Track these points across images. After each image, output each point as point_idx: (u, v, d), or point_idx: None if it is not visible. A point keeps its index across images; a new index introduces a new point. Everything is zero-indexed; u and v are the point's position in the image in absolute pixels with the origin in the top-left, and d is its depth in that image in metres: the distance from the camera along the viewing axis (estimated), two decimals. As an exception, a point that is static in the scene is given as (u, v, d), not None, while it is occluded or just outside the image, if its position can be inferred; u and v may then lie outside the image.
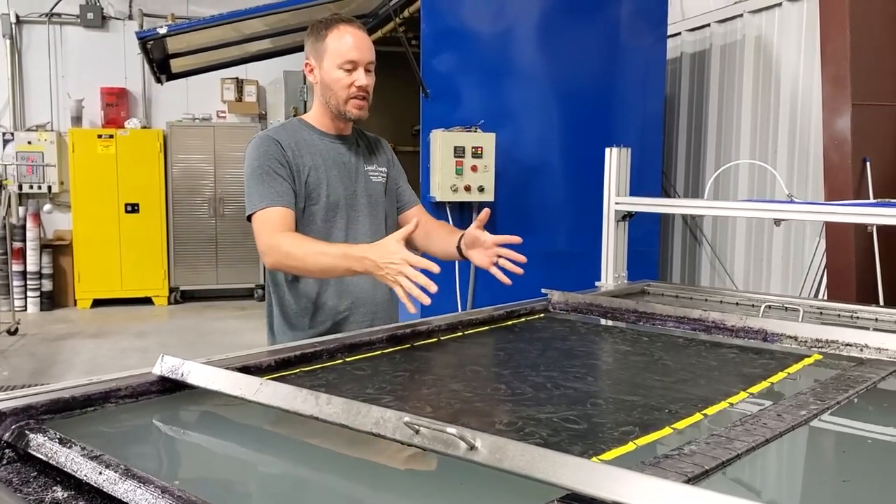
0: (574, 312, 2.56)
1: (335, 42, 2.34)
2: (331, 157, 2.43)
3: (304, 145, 2.40)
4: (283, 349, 1.89)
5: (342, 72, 2.33)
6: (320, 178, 2.38)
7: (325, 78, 2.37)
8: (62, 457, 1.23)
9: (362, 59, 2.34)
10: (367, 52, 2.36)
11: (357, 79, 2.34)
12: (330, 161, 2.42)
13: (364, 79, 2.34)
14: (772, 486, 1.30)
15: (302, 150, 2.38)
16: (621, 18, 5.19)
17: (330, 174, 2.41)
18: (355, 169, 2.48)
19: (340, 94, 2.36)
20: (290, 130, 2.43)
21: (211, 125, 9.74)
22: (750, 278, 5.43)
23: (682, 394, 1.67)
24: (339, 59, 2.33)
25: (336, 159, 2.44)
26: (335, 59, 2.33)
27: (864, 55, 3.93)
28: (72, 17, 9.60)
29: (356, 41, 2.34)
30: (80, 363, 6.90)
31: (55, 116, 9.57)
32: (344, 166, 2.45)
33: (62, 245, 9.41)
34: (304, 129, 2.45)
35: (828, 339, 2.03)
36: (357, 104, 2.37)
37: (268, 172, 2.30)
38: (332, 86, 2.36)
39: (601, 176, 3.30)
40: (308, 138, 2.42)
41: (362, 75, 2.34)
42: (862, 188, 3.92)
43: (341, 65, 2.33)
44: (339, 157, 2.45)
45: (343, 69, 2.33)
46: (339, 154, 2.45)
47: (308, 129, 2.45)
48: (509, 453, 1.10)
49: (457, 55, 4.87)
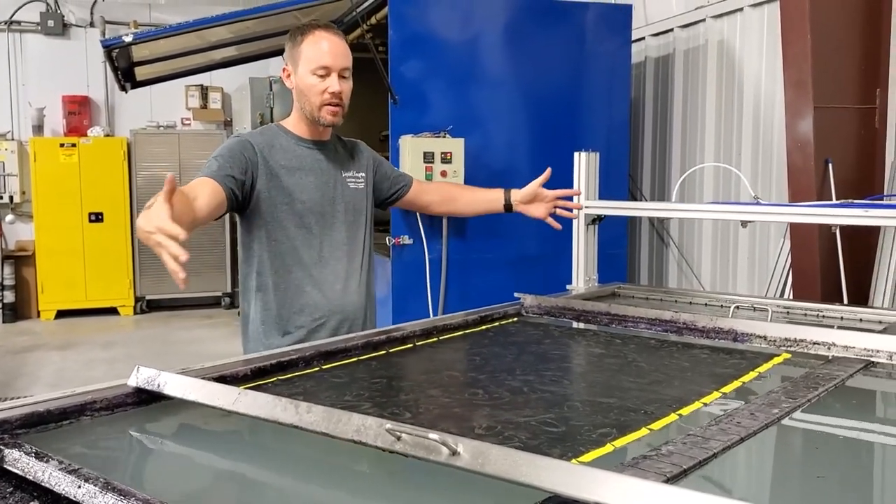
0: (547, 316, 2.58)
1: (309, 48, 2.34)
2: (307, 163, 2.43)
3: (280, 150, 2.40)
4: (258, 358, 1.88)
5: (316, 77, 2.33)
6: (294, 183, 2.38)
7: (300, 83, 2.37)
8: (39, 471, 1.21)
9: (336, 64, 2.33)
10: (341, 57, 2.35)
11: (330, 85, 2.33)
12: (306, 167, 2.42)
13: (337, 85, 2.34)
14: (749, 484, 1.32)
15: (278, 154, 2.38)
16: (587, 24, 5.24)
17: (305, 179, 2.40)
18: (333, 176, 2.47)
19: (314, 100, 2.36)
20: (268, 135, 2.43)
21: (176, 132, 9.66)
22: (717, 279, 5.50)
23: (657, 395, 1.69)
24: (312, 64, 2.33)
25: (313, 165, 2.44)
26: (309, 65, 2.33)
27: (825, 59, 4.01)
28: (32, 25, 9.46)
29: (330, 46, 2.34)
30: (46, 376, 6.80)
31: (16, 125, 9.43)
32: (321, 172, 2.44)
33: (25, 256, 9.26)
34: (281, 134, 2.45)
35: (796, 339, 2.06)
36: (331, 110, 2.37)
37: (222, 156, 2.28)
38: (306, 91, 2.36)
39: (568, 180, 3.33)
40: (285, 144, 2.42)
41: (335, 81, 2.34)
42: (825, 189, 3.99)
43: (314, 70, 2.33)
44: (315, 164, 2.44)
45: (316, 75, 2.33)
46: (315, 160, 2.45)
47: (286, 135, 2.45)
48: (491, 458, 1.11)
49: (424, 61, 4.88)
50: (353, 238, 2.51)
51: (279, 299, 2.41)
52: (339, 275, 2.46)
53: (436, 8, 4.91)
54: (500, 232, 5.05)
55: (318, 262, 2.41)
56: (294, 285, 2.40)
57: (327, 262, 2.43)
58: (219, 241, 9.76)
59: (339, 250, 2.46)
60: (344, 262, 2.47)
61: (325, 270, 2.43)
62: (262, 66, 8.20)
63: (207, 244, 9.58)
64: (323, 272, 2.42)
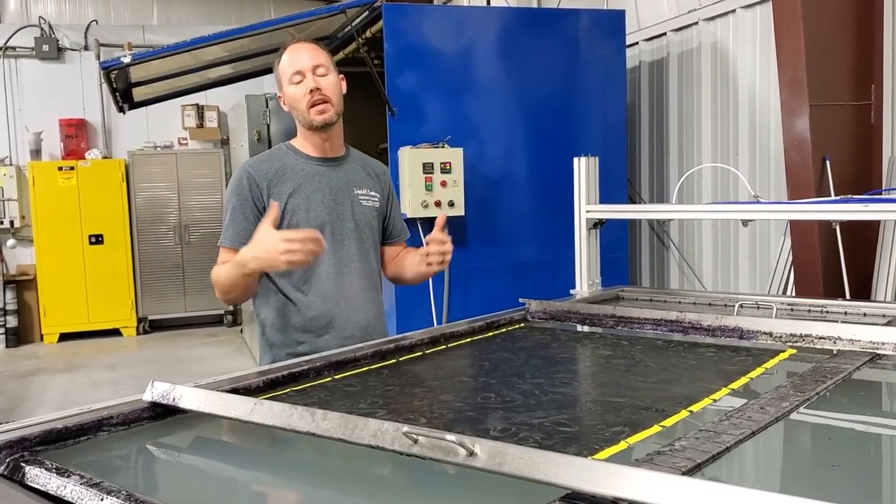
0: (552, 320, 2.59)
1: (282, 63, 2.40)
2: (315, 182, 2.42)
3: (289, 171, 2.41)
4: (270, 370, 1.90)
5: (294, 86, 2.37)
6: (300, 203, 2.38)
7: (288, 99, 2.41)
8: (61, 486, 1.22)
9: (306, 65, 2.36)
10: (308, 57, 2.38)
11: (308, 85, 2.35)
12: (314, 185, 2.41)
13: (313, 81, 2.35)
14: (764, 475, 1.34)
15: (285, 176, 2.39)
16: (580, 31, 5.27)
17: (313, 198, 2.40)
18: (343, 192, 2.46)
19: (302, 107, 2.37)
20: (275, 157, 2.45)
21: (173, 152, 9.68)
22: (718, 279, 5.52)
23: (666, 393, 1.71)
24: (287, 75, 2.38)
25: (321, 183, 2.43)
26: (286, 77, 2.38)
27: (819, 57, 4.03)
28: (27, 50, 9.50)
29: (297, 53, 2.39)
30: (51, 399, 6.79)
31: (14, 150, 9.45)
32: (330, 190, 2.43)
33: (26, 280, 9.26)
34: (290, 154, 2.46)
35: (802, 334, 2.07)
36: (318, 109, 2.37)
37: (236, 209, 2.36)
38: (293, 103, 2.40)
39: (567, 186, 3.35)
40: (293, 163, 2.43)
41: (311, 79, 2.35)
42: (823, 186, 4.02)
43: (291, 79, 2.37)
44: (324, 181, 2.43)
45: (293, 83, 2.37)
46: (324, 177, 2.44)
47: (294, 154, 2.46)
48: (509, 457, 1.12)
49: (420, 73, 4.91)
50: (366, 254, 2.49)
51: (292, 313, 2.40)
52: (350, 290, 2.44)
53: (430, 20, 4.95)
54: (500, 240, 5.08)
55: (329, 277, 2.40)
56: (306, 300, 2.40)
57: (338, 277, 2.41)
58: (219, 260, 9.74)
59: (349, 266, 2.44)
60: (354, 278, 2.45)
61: (337, 286, 2.41)
62: (258, 83, 8.24)
63: (207, 263, 9.57)
64: (334, 287, 2.41)
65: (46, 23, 9.58)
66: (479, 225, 4.99)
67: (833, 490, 1.24)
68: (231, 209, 2.37)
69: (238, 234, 2.33)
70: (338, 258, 2.41)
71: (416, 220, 4.75)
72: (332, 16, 5.21)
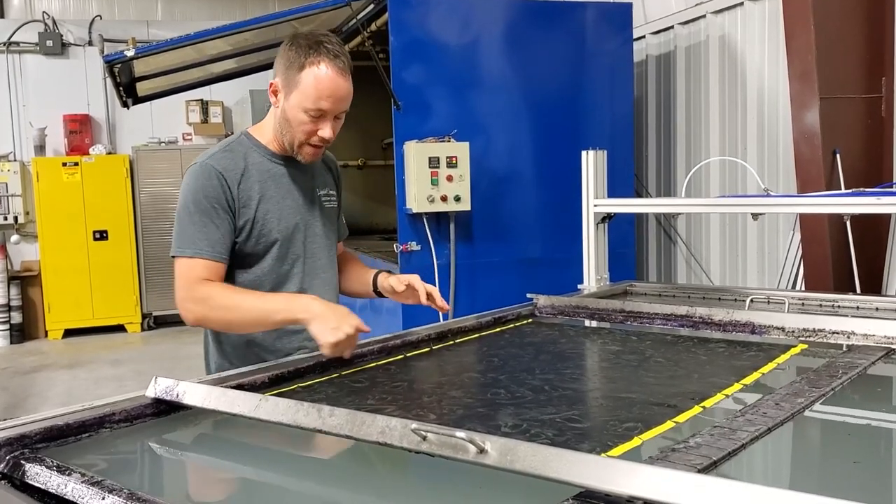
0: (561, 315, 2.57)
1: (310, 81, 2.00)
2: (284, 185, 2.16)
3: (254, 171, 2.11)
4: (276, 365, 1.87)
5: (307, 116, 2.03)
6: (270, 208, 2.11)
7: (288, 112, 2.06)
8: (62, 485, 1.20)
9: (334, 109, 2.04)
10: (342, 101, 2.05)
11: (321, 129, 2.05)
12: (284, 189, 2.15)
13: (328, 131, 2.06)
14: (782, 473, 1.31)
15: (251, 177, 2.10)
16: (587, 24, 5.24)
17: (283, 203, 2.14)
18: (310, 195, 2.22)
19: (298, 136, 2.08)
20: (238, 154, 2.13)
21: (177, 148, 9.66)
22: (726, 274, 5.48)
23: (678, 388, 1.69)
24: (308, 102, 2.02)
25: (289, 186, 2.17)
26: (303, 101, 2.02)
27: (829, 49, 4.00)
28: (31, 45, 9.48)
29: (333, 89, 2.01)
30: (55, 395, 6.78)
31: (18, 146, 9.44)
32: (298, 193, 2.18)
33: (30, 276, 9.25)
34: (253, 149, 2.15)
35: (815, 328, 2.05)
36: (312, 152, 2.12)
37: (203, 212, 2.02)
38: (293, 124, 2.07)
39: (573, 181, 3.32)
40: (258, 161, 2.13)
41: (328, 127, 2.05)
42: (833, 180, 3.98)
43: (309, 110, 2.02)
44: (292, 184, 2.17)
45: (309, 113, 2.03)
46: (292, 180, 2.18)
47: (259, 150, 2.15)
48: (520, 454, 1.09)
49: (426, 66, 4.88)
50: (332, 262, 2.29)
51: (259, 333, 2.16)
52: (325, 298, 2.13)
53: (436, 13, 4.91)
54: (507, 236, 5.05)
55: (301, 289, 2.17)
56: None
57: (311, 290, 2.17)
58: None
59: (320, 277, 2.23)
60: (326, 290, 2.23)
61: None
62: (262, 78, 8.18)
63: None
64: None
65: (50, 18, 9.56)
66: (485, 220, 4.96)
67: (858, 487, 1.21)
68: (198, 212, 2.02)
69: (214, 243, 2.01)
70: (309, 269, 2.20)
71: (423, 216, 4.72)
72: (337, 9, 5.17)
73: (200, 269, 2.00)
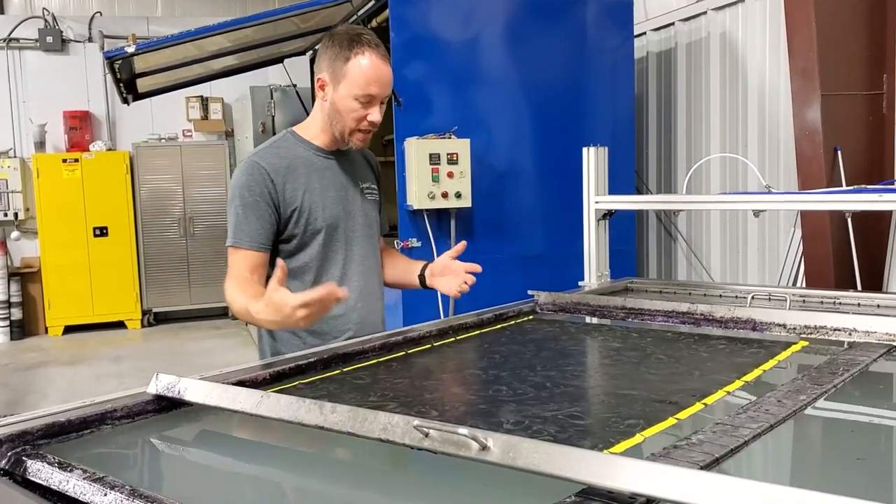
0: (562, 312, 2.57)
1: (357, 69, 2.16)
2: (328, 178, 2.30)
3: (300, 164, 2.27)
4: (277, 362, 1.87)
5: (357, 103, 2.19)
6: (315, 200, 2.25)
7: (338, 102, 2.21)
8: (64, 481, 1.20)
9: (381, 94, 2.20)
10: (387, 86, 2.22)
11: (371, 114, 2.21)
12: (327, 181, 2.30)
13: (377, 115, 2.22)
14: (785, 470, 1.31)
15: (297, 171, 2.25)
16: (588, 21, 5.23)
17: (326, 195, 2.28)
18: (352, 188, 2.36)
19: (349, 124, 2.23)
20: (284, 149, 2.29)
21: (177, 144, 9.65)
22: (727, 271, 5.48)
23: (679, 385, 1.68)
24: (357, 89, 2.17)
25: (333, 179, 2.31)
26: (353, 89, 2.17)
27: (831, 46, 3.99)
28: (30, 42, 9.47)
29: (379, 74, 2.18)
30: (55, 392, 6.78)
31: (18, 142, 9.43)
32: (341, 186, 2.33)
33: (30, 272, 9.25)
34: (299, 145, 2.31)
35: (817, 325, 2.05)
36: (362, 137, 2.26)
37: (247, 206, 2.18)
38: (343, 113, 2.22)
39: (574, 177, 3.32)
40: (304, 155, 2.28)
41: (377, 111, 2.21)
42: (834, 177, 3.98)
43: (358, 97, 2.18)
44: (335, 177, 2.32)
45: (359, 101, 2.18)
46: (336, 173, 2.33)
47: (304, 146, 2.31)
48: (523, 451, 1.09)
49: (427, 63, 4.87)
50: (373, 251, 2.42)
51: None
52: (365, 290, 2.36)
53: (437, 9, 4.91)
54: (507, 232, 5.05)
55: (340, 277, 2.29)
56: None
57: (353, 277, 2.32)
58: (225, 253, 9.71)
59: (362, 265, 2.36)
60: (368, 277, 2.38)
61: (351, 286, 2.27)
62: (262, 74, 8.21)
63: (212, 256, 9.58)
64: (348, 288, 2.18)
65: (50, 14, 9.54)
66: (485, 216, 4.95)
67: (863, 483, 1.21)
68: (242, 206, 2.19)
69: (255, 233, 2.18)
70: (350, 258, 2.33)
71: (423, 212, 4.72)
72: (337, 5, 5.17)
73: (240, 258, 2.19)
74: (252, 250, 2.18)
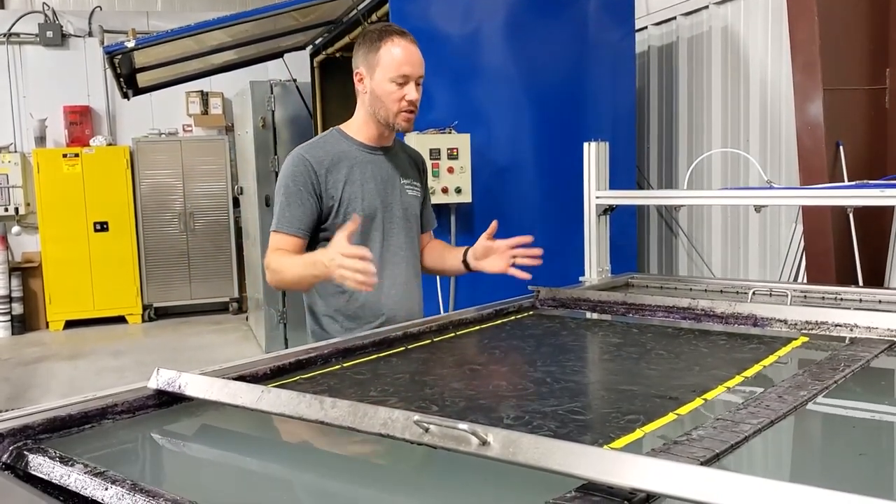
0: (562, 308, 2.57)
1: (389, 55, 2.34)
2: (369, 170, 2.46)
3: (343, 158, 2.43)
4: (277, 357, 1.87)
5: (394, 85, 2.35)
6: (354, 191, 2.41)
7: (377, 89, 2.38)
8: (65, 475, 1.20)
9: (414, 73, 2.36)
10: (419, 66, 2.38)
11: (408, 93, 2.36)
12: (368, 173, 2.45)
13: (414, 93, 2.37)
14: (786, 466, 1.31)
15: (340, 164, 2.42)
16: (589, 15, 5.21)
17: (366, 187, 2.43)
18: (392, 181, 2.51)
19: (391, 107, 2.38)
20: (329, 144, 2.47)
21: (178, 139, 9.65)
22: (728, 266, 5.47)
23: (680, 381, 1.68)
24: (391, 72, 2.34)
25: (374, 172, 2.46)
26: (388, 72, 2.34)
27: (833, 40, 3.97)
28: (31, 37, 9.46)
29: (409, 55, 2.35)
30: (57, 386, 6.79)
31: (18, 137, 9.43)
32: (381, 178, 2.48)
33: (31, 267, 9.26)
34: (343, 140, 2.48)
35: (818, 321, 2.04)
36: (406, 117, 2.40)
37: (292, 194, 2.37)
38: (383, 98, 2.38)
39: (575, 172, 3.31)
40: (347, 150, 2.45)
41: (413, 89, 2.36)
42: (836, 172, 3.96)
43: (394, 78, 2.34)
44: (377, 170, 2.47)
45: (395, 83, 2.34)
46: (377, 166, 2.48)
47: (348, 141, 2.47)
48: (523, 446, 1.09)
49: (427, 57, 4.82)
50: (412, 242, 2.56)
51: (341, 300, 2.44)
52: (399, 278, 2.50)
53: (436, 3, 4.89)
54: (507, 227, 5.00)
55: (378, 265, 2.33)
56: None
57: (387, 265, 2.46)
58: (225, 248, 9.76)
59: (398, 255, 2.50)
60: (403, 267, 2.51)
61: (385, 273, 2.43)
62: (262, 69, 8.19)
63: (212, 251, 9.58)
64: (383, 275, 2.39)
65: (50, 9, 9.53)
66: (486, 212, 4.94)
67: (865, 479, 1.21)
68: (286, 194, 2.38)
69: (295, 219, 2.35)
70: (387, 247, 2.46)
71: (423, 207, 4.71)
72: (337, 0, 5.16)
73: (280, 242, 2.37)
74: (291, 235, 2.36)
